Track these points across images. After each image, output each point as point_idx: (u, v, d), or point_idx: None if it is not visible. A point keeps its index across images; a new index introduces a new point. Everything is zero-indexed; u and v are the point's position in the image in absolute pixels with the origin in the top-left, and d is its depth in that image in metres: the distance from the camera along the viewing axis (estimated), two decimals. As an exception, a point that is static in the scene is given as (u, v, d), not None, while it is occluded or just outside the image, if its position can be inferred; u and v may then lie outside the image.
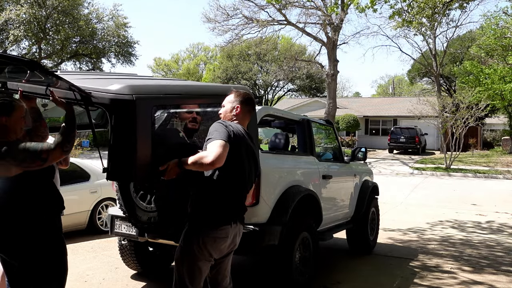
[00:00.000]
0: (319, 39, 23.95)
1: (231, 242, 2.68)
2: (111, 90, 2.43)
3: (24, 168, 2.37)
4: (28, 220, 2.48)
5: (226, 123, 2.59)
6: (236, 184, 2.65)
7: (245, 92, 2.85)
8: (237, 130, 2.62)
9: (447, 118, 18.90)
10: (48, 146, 2.34)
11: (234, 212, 2.66)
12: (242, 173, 2.67)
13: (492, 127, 37.09)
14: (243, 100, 2.77)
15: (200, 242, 2.56)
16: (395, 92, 58.69)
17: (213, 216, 2.59)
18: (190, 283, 2.62)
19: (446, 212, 9.56)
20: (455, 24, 29.05)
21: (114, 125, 2.40)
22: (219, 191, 2.59)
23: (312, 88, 44.12)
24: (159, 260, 4.93)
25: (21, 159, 2.33)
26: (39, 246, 2.49)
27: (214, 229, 2.57)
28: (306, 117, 5.03)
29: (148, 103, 2.48)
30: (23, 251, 2.46)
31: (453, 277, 5.07)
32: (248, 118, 2.82)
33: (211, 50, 57.21)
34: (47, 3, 25.66)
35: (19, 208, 2.47)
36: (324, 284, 4.63)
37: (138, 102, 2.39)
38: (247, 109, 2.79)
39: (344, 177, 5.59)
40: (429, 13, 8.84)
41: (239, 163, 2.63)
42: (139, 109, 2.39)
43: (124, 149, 2.40)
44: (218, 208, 2.59)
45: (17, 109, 2.51)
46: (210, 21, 24.22)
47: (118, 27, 30.52)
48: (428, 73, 35.22)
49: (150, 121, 2.47)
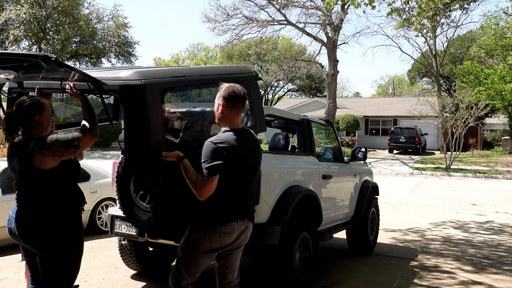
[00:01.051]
0: (319, 39, 23.96)
1: (236, 238, 2.76)
2: (121, 77, 2.62)
3: (59, 157, 2.56)
4: (58, 214, 2.64)
5: (216, 141, 2.60)
6: (235, 187, 2.73)
7: (227, 86, 2.69)
8: (229, 142, 2.62)
9: (447, 118, 18.90)
10: (78, 134, 2.55)
11: (238, 210, 2.75)
12: (239, 177, 2.74)
13: (492, 127, 37.10)
14: (225, 96, 2.66)
15: (206, 235, 2.68)
16: (395, 92, 58.70)
17: (220, 213, 2.71)
18: (185, 271, 2.76)
19: (446, 212, 9.56)
20: (455, 24, 29.07)
21: (127, 109, 2.59)
22: (221, 192, 2.68)
23: (312, 88, 44.15)
24: (159, 260, 4.93)
25: (55, 149, 2.51)
26: (64, 239, 2.64)
27: (220, 225, 2.68)
28: (306, 117, 5.03)
29: (157, 86, 2.63)
30: (49, 243, 2.61)
31: (453, 277, 5.07)
32: (236, 113, 2.71)
33: (211, 50, 57.29)
34: (47, 3, 25.66)
35: (50, 202, 2.63)
36: (324, 284, 4.63)
37: (147, 86, 2.56)
38: (231, 105, 2.66)
39: (344, 177, 5.59)
40: (429, 15, 8.81)
41: (236, 170, 2.69)
42: (149, 92, 2.56)
43: (138, 130, 2.58)
44: (223, 207, 2.71)
45: (46, 107, 2.68)
46: (210, 21, 24.25)
47: (118, 27, 30.52)
48: (428, 73, 35.24)
49: (160, 103, 2.64)
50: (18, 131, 2.61)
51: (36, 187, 2.62)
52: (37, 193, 2.62)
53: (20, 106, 2.59)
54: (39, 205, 2.62)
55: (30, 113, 2.58)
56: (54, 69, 2.56)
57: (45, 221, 2.60)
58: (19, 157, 2.58)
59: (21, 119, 2.58)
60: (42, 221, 2.60)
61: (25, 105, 2.59)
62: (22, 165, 2.59)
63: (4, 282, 4.64)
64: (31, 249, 2.70)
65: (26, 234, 2.63)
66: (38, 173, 2.57)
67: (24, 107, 2.58)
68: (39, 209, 2.61)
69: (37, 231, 2.60)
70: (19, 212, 2.67)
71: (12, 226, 2.71)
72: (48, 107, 2.70)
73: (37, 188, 2.62)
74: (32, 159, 2.53)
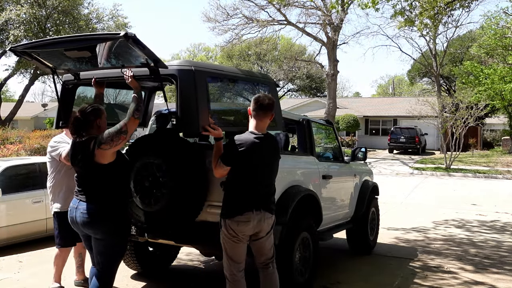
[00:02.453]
0: (319, 39, 23.94)
1: (255, 226, 3.19)
2: (175, 63, 3.28)
3: (115, 146, 3.04)
4: (117, 204, 3.20)
5: (236, 139, 3.17)
6: (248, 181, 3.20)
7: (256, 97, 3.27)
8: (246, 142, 3.16)
9: (447, 118, 18.89)
10: (123, 121, 3.04)
11: (253, 201, 3.18)
12: (253, 172, 3.20)
13: (492, 127, 37.08)
14: (253, 105, 3.24)
15: (227, 224, 3.17)
16: (395, 92, 58.69)
17: (238, 204, 3.17)
18: (229, 258, 3.24)
19: (446, 212, 9.55)
20: (455, 24, 29.02)
21: (180, 89, 3.17)
22: (239, 186, 3.20)
23: (312, 88, 44.13)
24: (159, 260, 4.93)
25: (110, 140, 3.00)
26: (120, 225, 3.23)
27: (238, 214, 3.15)
28: (306, 117, 5.03)
29: (203, 73, 3.31)
30: (109, 229, 3.17)
31: (454, 277, 5.07)
32: (263, 118, 3.24)
33: (211, 50, 57.25)
34: (47, 3, 25.62)
35: (111, 194, 3.18)
36: (324, 284, 4.63)
37: (196, 71, 3.23)
38: (258, 114, 3.24)
39: (344, 177, 5.59)
40: (431, 14, 8.81)
41: (251, 167, 3.18)
42: (197, 76, 3.21)
43: (189, 106, 3.17)
44: (240, 199, 3.19)
45: (103, 112, 3.23)
46: (210, 20, 24.19)
47: (118, 27, 30.47)
48: (428, 73, 35.20)
49: (205, 86, 3.28)
50: (83, 132, 3.12)
51: (98, 180, 3.13)
52: (99, 186, 3.14)
53: (84, 112, 3.10)
54: (102, 197, 3.15)
55: (93, 118, 3.11)
56: (124, 52, 3.12)
57: (108, 211, 3.14)
58: (82, 154, 3.09)
59: (85, 123, 3.10)
60: (105, 211, 3.13)
61: (88, 112, 3.10)
62: (85, 161, 3.09)
63: (4, 282, 4.64)
64: (92, 234, 3.21)
65: (90, 222, 3.13)
66: (99, 167, 3.07)
67: (87, 113, 3.09)
68: (103, 201, 3.14)
69: (101, 219, 3.13)
70: (82, 203, 3.16)
71: (73, 215, 3.20)
72: (104, 112, 3.23)
73: (99, 181, 3.13)
74: (94, 155, 3.03)
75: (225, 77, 3.70)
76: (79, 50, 3.22)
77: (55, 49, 3.37)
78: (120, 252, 3.36)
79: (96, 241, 3.24)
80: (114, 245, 3.25)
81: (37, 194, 6.24)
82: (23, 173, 6.39)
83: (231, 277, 3.26)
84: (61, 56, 3.44)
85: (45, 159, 4.53)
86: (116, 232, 3.21)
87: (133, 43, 2.88)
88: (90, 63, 3.50)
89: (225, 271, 3.29)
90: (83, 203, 3.16)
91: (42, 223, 6.28)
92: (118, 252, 3.32)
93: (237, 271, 3.26)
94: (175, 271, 5.18)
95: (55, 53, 3.43)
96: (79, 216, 3.17)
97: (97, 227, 3.17)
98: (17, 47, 3.39)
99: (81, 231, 3.29)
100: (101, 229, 3.17)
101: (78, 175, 3.23)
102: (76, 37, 3.28)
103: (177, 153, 3.57)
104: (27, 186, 6.24)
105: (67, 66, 3.63)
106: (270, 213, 3.28)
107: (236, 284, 3.26)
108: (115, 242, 3.24)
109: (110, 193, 3.18)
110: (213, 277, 5.05)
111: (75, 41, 3.19)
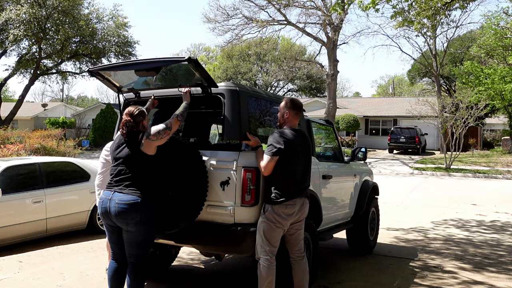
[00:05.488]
0: (319, 39, 23.95)
1: (299, 210, 3.60)
2: (223, 84, 3.87)
3: (160, 139, 3.45)
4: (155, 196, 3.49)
5: (280, 133, 3.62)
6: (291, 172, 3.58)
7: (291, 99, 3.82)
8: (289, 135, 3.62)
9: (447, 118, 18.90)
10: (170, 120, 3.52)
11: (297, 188, 3.63)
12: (296, 163, 3.61)
13: (492, 127, 37.10)
14: (290, 106, 3.74)
15: (274, 208, 3.51)
16: (395, 92, 58.70)
17: (285, 191, 3.54)
18: (268, 241, 3.52)
19: (446, 212, 9.56)
20: (455, 24, 29.04)
21: (226, 105, 3.76)
22: (283, 175, 3.55)
23: (312, 88, 44.15)
24: (159, 260, 4.93)
25: (157, 133, 3.44)
26: (155, 216, 3.48)
27: (287, 199, 3.53)
28: (306, 117, 5.03)
29: (245, 93, 3.93)
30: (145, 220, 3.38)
31: (454, 277, 5.07)
32: (297, 118, 3.78)
33: (211, 51, 57.27)
34: (47, 3, 25.62)
35: (151, 185, 3.46)
36: (324, 284, 4.63)
37: (240, 91, 3.84)
38: (294, 113, 3.74)
39: (344, 177, 5.59)
40: (429, 14, 8.81)
41: (293, 157, 3.59)
42: (241, 95, 3.83)
43: (233, 118, 3.75)
44: (286, 186, 3.56)
45: (146, 114, 3.66)
46: (210, 21, 24.23)
47: (118, 27, 30.45)
48: (428, 73, 35.18)
49: (246, 103, 3.89)
50: (134, 129, 3.52)
51: (140, 169, 3.44)
52: (141, 175, 3.43)
53: (133, 114, 3.52)
54: (142, 186, 3.40)
55: (141, 118, 3.56)
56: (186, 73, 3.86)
57: (145, 200, 3.37)
58: (130, 144, 3.46)
59: (135, 123, 3.51)
60: (143, 200, 3.36)
61: (136, 114, 3.53)
62: (132, 149, 3.45)
63: (4, 282, 4.64)
64: (124, 225, 3.40)
65: (126, 211, 3.33)
66: (143, 156, 3.43)
67: (136, 115, 3.52)
68: (142, 190, 3.39)
69: (137, 208, 3.33)
70: (117, 194, 3.38)
71: (107, 205, 3.40)
72: (146, 113, 3.67)
73: (141, 170, 3.44)
74: (141, 144, 3.43)
75: (261, 98, 4.25)
76: (147, 71, 3.79)
77: (126, 70, 4.04)
78: (152, 241, 3.58)
79: (128, 233, 3.44)
80: (146, 234, 3.46)
81: (37, 194, 6.25)
82: (23, 173, 6.40)
83: (267, 261, 3.52)
84: (127, 77, 4.14)
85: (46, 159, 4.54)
86: (148, 222, 3.41)
87: (194, 65, 3.51)
88: (149, 84, 4.18)
89: (259, 254, 3.55)
90: (118, 193, 3.39)
91: (42, 223, 6.28)
92: (150, 241, 3.55)
93: (272, 254, 3.54)
94: (175, 271, 5.18)
95: (124, 74, 4.11)
96: (113, 206, 3.37)
97: (133, 216, 3.35)
98: (94, 69, 3.98)
99: (112, 223, 3.46)
100: (136, 218, 3.35)
101: (117, 167, 3.48)
102: (145, 60, 3.81)
103: (177, 154, 3.67)
104: (27, 186, 6.26)
105: (130, 86, 4.23)
106: (307, 199, 3.74)
107: (271, 268, 3.53)
108: (148, 231, 3.45)
109: (149, 184, 3.44)
110: (213, 277, 5.05)
111: (144, 63, 3.75)
